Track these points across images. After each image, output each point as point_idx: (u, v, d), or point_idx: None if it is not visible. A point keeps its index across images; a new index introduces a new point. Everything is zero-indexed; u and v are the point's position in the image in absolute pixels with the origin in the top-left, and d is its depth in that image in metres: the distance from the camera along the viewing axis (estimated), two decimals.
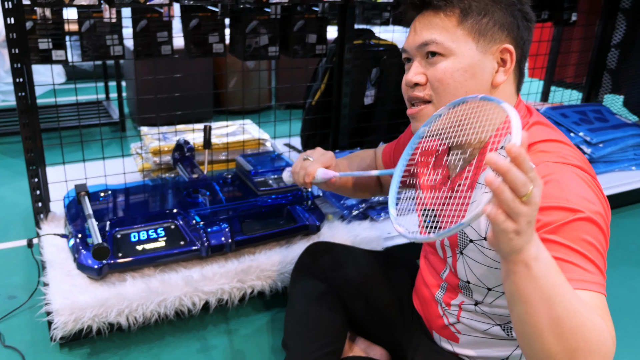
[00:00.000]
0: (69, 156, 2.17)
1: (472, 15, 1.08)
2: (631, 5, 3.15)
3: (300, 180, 1.33)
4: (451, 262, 1.21)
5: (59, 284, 1.66)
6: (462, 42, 1.08)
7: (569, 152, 1.04)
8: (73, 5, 1.67)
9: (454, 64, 1.08)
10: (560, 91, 3.62)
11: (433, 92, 1.11)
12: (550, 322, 0.81)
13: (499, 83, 1.11)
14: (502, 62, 1.11)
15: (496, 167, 0.72)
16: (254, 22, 2.13)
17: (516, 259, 0.80)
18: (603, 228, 0.94)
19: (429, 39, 1.09)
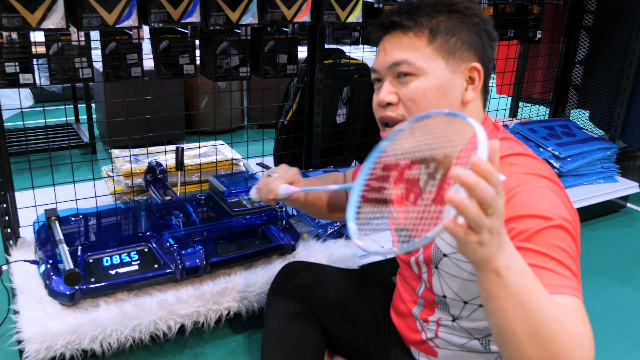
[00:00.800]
0: (38, 180, 2.14)
1: (441, 35, 1.10)
2: (593, 23, 3.24)
3: (264, 197, 1.32)
4: (426, 277, 1.22)
5: (30, 311, 1.63)
6: (433, 62, 1.10)
7: (537, 165, 1.07)
8: (40, 29, 1.66)
9: (425, 83, 1.10)
10: (528, 107, 3.69)
11: (405, 111, 1.13)
12: (527, 329, 0.81)
13: (469, 101, 1.13)
14: (471, 80, 1.14)
15: (461, 181, 0.71)
16: (225, 43, 2.13)
17: (486, 268, 0.80)
18: (574, 235, 0.97)
19: (400, 59, 1.11)
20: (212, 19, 1.89)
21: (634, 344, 1.93)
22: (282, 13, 2.01)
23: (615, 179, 2.92)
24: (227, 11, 1.91)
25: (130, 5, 1.74)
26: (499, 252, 0.79)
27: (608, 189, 2.82)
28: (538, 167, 1.05)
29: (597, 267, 2.43)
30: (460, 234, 0.75)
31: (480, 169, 0.71)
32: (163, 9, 1.80)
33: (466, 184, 0.71)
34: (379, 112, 1.17)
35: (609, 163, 2.94)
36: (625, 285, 2.28)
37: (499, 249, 0.78)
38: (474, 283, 1.11)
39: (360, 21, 2.18)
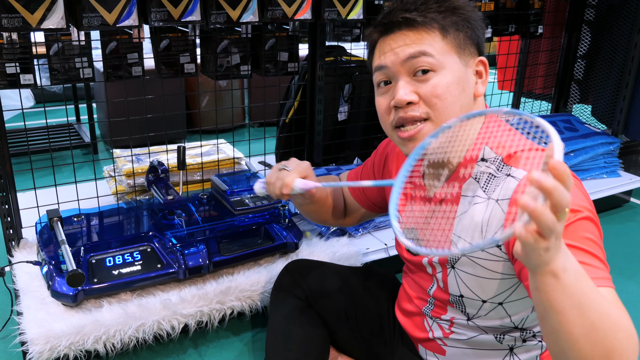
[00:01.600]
0: (40, 181, 2.13)
1: (452, 30, 1.10)
2: (595, 17, 3.22)
3: (277, 191, 1.24)
4: (441, 277, 1.21)
5: (33, 312, 1.63)
6: (449, 56, 1.09)
7: None
8: (40, 29, 1.65)
9: (446, 77, 1.08)
10: (530, 102, 3.68)
11: (430, 108, 1.09)
12: (584, 328, 0.80)
13: (480, 94, 1.13)
14: (478, 75, 1.14)
15: (540, 185, 0.68)
16: (225, 41, 2.13)
17: (544, 271, 0.79)
18: (598, 223, 0.97)
19: (417, 51, 1.08)
20: (213, 17, 1.89)
21: None
22: (282, 11, 2.00)
23: (618, 173, 2.91)
24: (227, 9, 1.90)
25: (130, 4, 1.74)
26: (557, 254, 0.77)
27: (611, 183, 2.81)
28: None
29: None
30: (531, 241, 0.73)
31: (559, 172, 0.68)
32: (163, 7, 1.79)
33: (545, 188, 0.68)
34: (395, 114, 1.12)
35: (612, 158, 2.93)
36: (629, 281, 2.27)
37: (558, 252, 0.77)
38: (493, 281, 1.10)
39: (361, 18, 2.17)
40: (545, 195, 0.69)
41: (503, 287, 1.11)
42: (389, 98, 1.14)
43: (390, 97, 1.13)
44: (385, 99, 1.15)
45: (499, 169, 1.08)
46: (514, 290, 1.11)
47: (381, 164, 1.43)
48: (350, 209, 1.53)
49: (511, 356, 1.21)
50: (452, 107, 1.08)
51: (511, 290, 1.11)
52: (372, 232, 2.19)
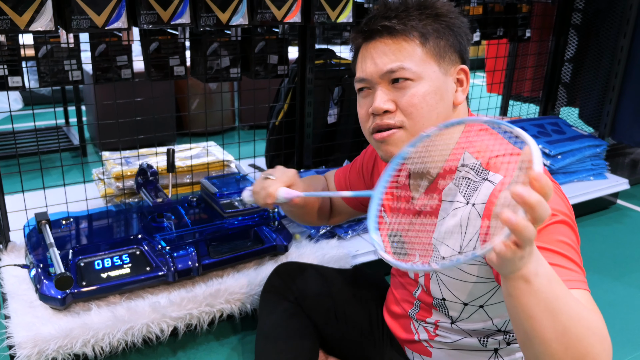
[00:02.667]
0: (28, 184, 2.13)
1: (432, 38, 1.09)
2: (582, 21, 3.25)
3: (262, 201, 1.26)
4: (423, 281, 1.22)
5: (21, 316, 1.62)
6: (427, 65, 1.09)
7: None
8: (29, 32, 1.65)
9: (423, 87, 1.08)
10: (518, 105, 3.70)
11: (405, 117, 1.10)
12: (556, 333, 0.81)
13: (460, 102, 1.14)
14: (459, 83, 1.14)
15: (523, 200, 0.69)
16: (215, 44, 2.13)
17: (515, 276, 0.79)
18: (574, 227, 0.98)
19: (394, 66, 1.09)
20: (202, 20, 1.89)
21: (625, 340, 1.94)
22: (272, 14, 2.00)
23: (605, 175, 2.94)
24: (217, 12, 1.91)
25: (120, 6, 1.74)
26: (529, 259, 0.78)
27: (598, 185, 2.83)
28: None
29: (588, 264, 2.44)
30: (509, 255, 0.74)
31: (541, 185, 0.69)
32: (152, 10, 1.79)
33: (529, 203, 0.69)
34: (372, 121, 1.13)
35: (599, 160, 2.95)
36: (616, 282, 2.29)
37: (530, 257, 0.78)
38: (474, 285, 1.11)
39: (351, 21, 2.18)
40: (526, 210, 0.70)
41: (482, 290, 1.12)
42: (368, 104, 1.14)
43: (369, 104, 1.14)
44: (364, 105, 1.16)
45: (477, 173, 1.09)
46: (494, 294, 1.12)
47: (370, 165, 1.43)
48: (336, 208, 1.54)
49: (496, 358, 1.23)
50: (428, 116, 1.09)
51: (491, 293, 1.12)
52: (362, 235, 2.20)
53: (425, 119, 1.09)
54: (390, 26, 1.09)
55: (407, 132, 1.10)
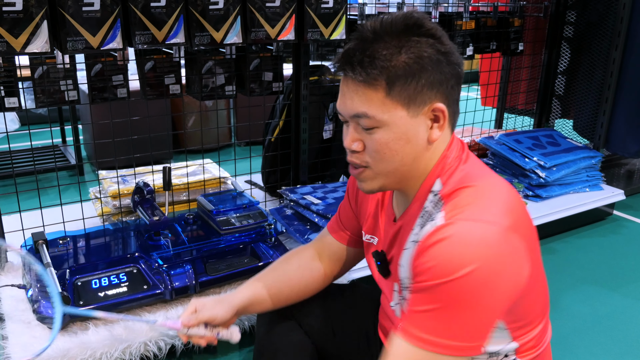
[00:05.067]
0: (25, 203, 2.13)
1: (399, 82, 1.04)
2: (574, 34, 3.29)
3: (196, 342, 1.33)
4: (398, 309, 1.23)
5: (19, 336, 1.62)
6: (393, 112, 1.05)
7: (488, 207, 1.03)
8: (25, 54, 1.66)
9: (387, 134, 1.07)
10: (513, 118, 3.73)
11: (370, 159, 1.10)
12: None
13: (435, 139, 1.10)
14: (435, 119, 1.10)
15: None
16: (210, 62, 2.14)
17: None
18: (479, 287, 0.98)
19: (359, 111, 1.07)
20: (197, 39, 1.91)
21: (623, 351, 1.94)
22: (266, 32, 2.03)
23: (600, 187, 2.95)
24: (211, 31, 1.92)
25: (115, 27, 1.76)
26: None
27: (594, 197, 2.85)
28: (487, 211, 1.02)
29: (585, 275, 2.44)
30: None
31: None
32: (147, 30, 1.81)
33: None
34: (347, 154, 1.15)
35: (594, 171, 2.97)
36: (613, 293, 2.30)
37: None
38: None
39: (344, 38, 2.21)
40: None
41: None
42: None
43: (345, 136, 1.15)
44: (344, 136, 1.15)
45: (435, 206, 1.09)
46: None
47: (354, 193, 1.43)
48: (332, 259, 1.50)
49: None
50: (391, 160, 1.08)
51: None
52: None
53: (388, 163, 1.09)
54: (353, 76, 1.06)
55: (373, 172, 1.12)
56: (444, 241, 0.98)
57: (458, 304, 0.96)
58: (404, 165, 1.10)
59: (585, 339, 2.00)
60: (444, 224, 1.01)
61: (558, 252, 2.66)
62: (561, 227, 2.82)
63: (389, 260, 1.24)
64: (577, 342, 1.99)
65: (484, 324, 0.99)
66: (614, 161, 3.51)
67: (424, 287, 0.99)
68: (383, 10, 2.79)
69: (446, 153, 1.13)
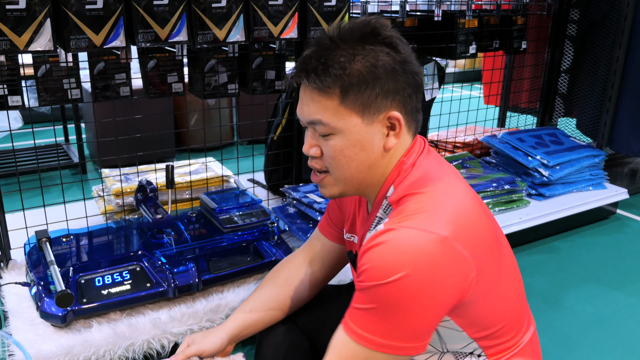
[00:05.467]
0: (28, 202, 2.13)
1: (353, 90, 1.05)
2: (577, 32, 3.28)
3: None
4: None
5: (22, 333, 1.62)
6: (347, 119, 1.07)
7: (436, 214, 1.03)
8: (28, 52, 1.67)
9: (342, 141, 1.09)
10: (515, 116, 3.72)
11: (328, 165, 1.13)
12: None
13: (391, 147, 1.11)
14: (392, 126, 1.10)
15: None
16: (212, 60, 2.14)
17: None
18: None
19: (315, 118, 1.09)
20: (200, 37, 1.91)
21: (628, 350, 1.93)
22: (268, 30, 2.02)
23: (604, 185, 2.95)
24: (214, 30, 1.92)
25: (117, 26, 1.75)
26: None
27: (597, 195, 2.84)
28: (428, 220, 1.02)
29: (589, 274, 2.44)
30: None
31: None
32: (150, 29, 1.81)
33: None
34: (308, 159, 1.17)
35: (598, 170, 2.96)
36: (617, 292, 2.29)
37: None
38: None
39: None
40: None
41: None
42: None
43: None
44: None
45: (385, 212, 1.11)
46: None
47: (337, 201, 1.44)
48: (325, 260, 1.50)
49: None
50: (346, 167, 1.10)
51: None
52: None
53: (344, 170, 1.11)
54: (307, 84, 1.08)
55: (332, 178, 1.14)
56: (380, 246, 1.00)
57: (392, 306, 0.99)
58: (360, 172, 1.12)
59: (588, 338, 2.00)
60: (384, 230, 1.03)
61: (561, 251, 2.65)
62: (564, 226, 2.81)
63: None
64: (580, 341, 1.98)
65: (420, 327, 1.01)
66: (618, 160, 3.50)
67: (363, 287, 1.02)
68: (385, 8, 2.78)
69: (403, 159, 1.13)
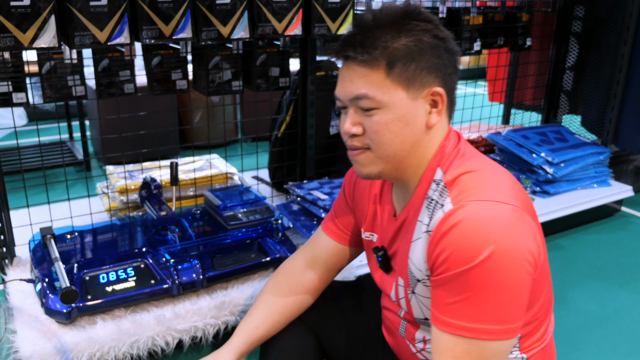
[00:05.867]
0: (33, 199, 2.14)
1: (399, 64, 1.06)
2: (582, 29, 3.27)
3: None
4: (404, 303, 1.22)
5: (27, 330, 1.62)
6: (393, 93, 1.07)
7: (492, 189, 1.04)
8: (32, 48, 1.67)
9: (387, 115, 1.08)
10: (520, 113, 3.71)
11: (370, 142, 1.11)
12: None
13: (433, 124, 1.11)
14: (434, 104, 1.11)
15: None
16: (217, 57, 2.14)
17: None
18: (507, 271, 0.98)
19: (359, 93, 1.08)
20: (204, 34, 1.91)
21: (632, 348, 1.93)
22: (273, 27, 2.02)
23: (608, 183, 2.94)
24: (218, 26, 1.92)
25: (122, 22, 1.75)
26: None
27: (602, 193, 2.83)
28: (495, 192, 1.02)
29: (593, 272, 2.44)
30: None
31: None
32: (154, 25, 1.81)
33: None
34: (345, 139, 1.15)
35: (602, 167, 2.95)
36: (621, 289, 2.29)
37: None
38: None
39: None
40: None
41: None
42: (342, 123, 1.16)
43: (343, 123, 1.15)
44: (341, 123, 1.16)
45: (441, 194, 1.08)
46: None
47: (351, 189, 1.42)
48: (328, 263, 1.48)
49: None
50: (390, 142, 1.09)
51: None
52: None
53: (388, 146, 1.09)
54: (353, 56, 1.08)
55: (373, 154, 1.12)
56: (457, 226, 0.98)
57: (487, 287, 0.95)
58: (403, 150, 1.10)
59: (592, 336, 2.00)
60: (453, 209, 1.01)
61: (565, 248, 2.65)
62: (569, 224, 2.81)
63: (390, 256, 1.24)
64: (584, 339, 1.98)
65: (518, 303, 0.98)
66: (622, 157, 3.49)
67: (448, 277, 0.98)
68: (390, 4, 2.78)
69: (444, 143, 1.14)
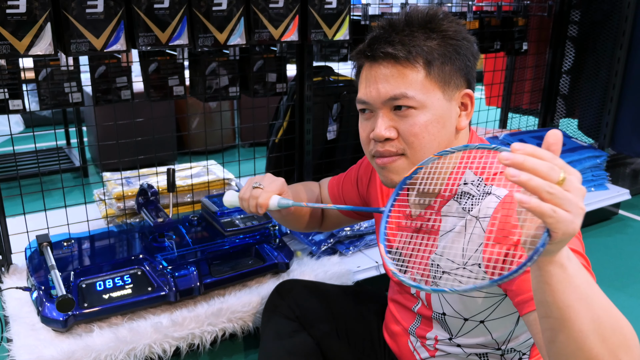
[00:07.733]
0: (29, 206, 2.13)
1: (437, 64, 1.06)
2: (578, 33, 3.27)
3: (252, 209, 1.24)
4: (424, 295, 1.21)
5: (23, 338, 1.61)
6: (432, 93, 1.06)
7: None
8: (28, 56, 1.66)
9: (426, 116, 1.06)
10: (517, 118, 3.72)
11: (407, 145, 1.08)
12: (593, 323, 0.77)
13: (464, 127, 1.11)
14: (463, 107, 1.11)
15: (509, 161, 0.67)
16: (214, 63, 2.14)
17: (551, 261, 0.75)
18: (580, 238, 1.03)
19: (397, 93, 1.06)
20: (200, 40, 1.91)
21: None
22: (269, 33, 2.02)
23: (606, 186, 2.94)
24: (214, 33, 1.92)
25: (118, 29, 1.75)
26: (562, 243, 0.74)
27: (599, 196, 2.83)
28: None
29: None
30: (546, 209, 0.68)
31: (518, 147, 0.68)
32: (151, 32, 1.81)
33: (516, 163, 0.67)
34: (374, 146, 1.11)
35: (599, 171, 2.96)
36: (619, 293, 2.28)
37: None
38: (476, 299, 1.11)
39: (347, 39, 2.20)
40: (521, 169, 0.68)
41: (485, 305, 1.11)
42: (369, 128, 1.12)
43: (370, 128, 1.11)
44: (366, 128, 1.13)
45: (479, 188, 1.08)
46: (495, 309, 1.11)
47: (366, 179, 1.42)
48: (330, 216, 1.55)
49: None
50: (429, 145, 1.07)
51: (492, 308, 1.11)
52: (363, 251, 2.19)
53: (426, 149, 1.07)
54: (394, 53, 1.06)
55: (408, 160, 1.09)
56: None
57: None
58: None
59: None
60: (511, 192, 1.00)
61: None
62: None
63: None
64: None
65: None
66: (620, 160, 3.49)
67: None
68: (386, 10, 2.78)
69: None
